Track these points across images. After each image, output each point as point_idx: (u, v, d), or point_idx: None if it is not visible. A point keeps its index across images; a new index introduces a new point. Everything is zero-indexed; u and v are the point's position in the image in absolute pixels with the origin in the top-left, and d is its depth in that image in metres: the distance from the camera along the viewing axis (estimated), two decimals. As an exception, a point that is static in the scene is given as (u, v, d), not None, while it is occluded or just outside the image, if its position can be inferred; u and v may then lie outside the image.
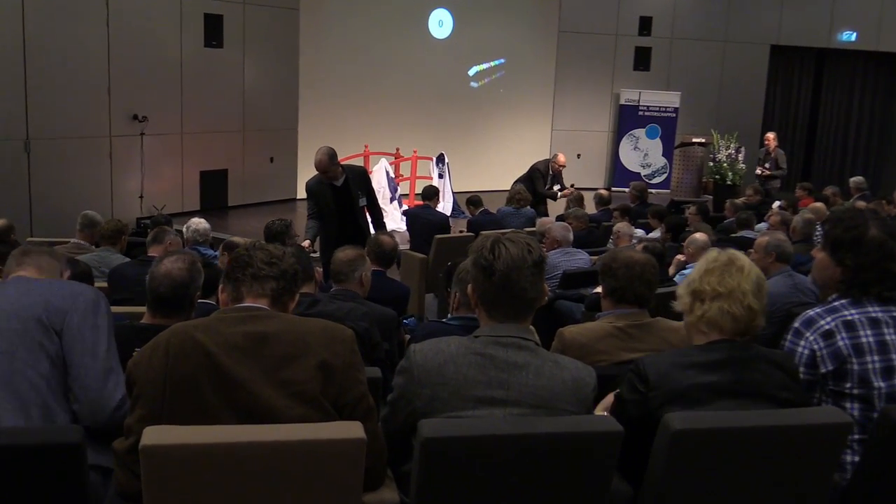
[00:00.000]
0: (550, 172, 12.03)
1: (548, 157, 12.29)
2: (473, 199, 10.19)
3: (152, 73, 12.37)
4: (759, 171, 13.98)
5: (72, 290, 2.88)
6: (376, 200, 7.60)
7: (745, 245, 6.21)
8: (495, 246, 2.43)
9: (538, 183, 11.94)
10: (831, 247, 2.95)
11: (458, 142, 16.22)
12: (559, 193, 11.71)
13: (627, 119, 17.88)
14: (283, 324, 2.38)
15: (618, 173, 17.94)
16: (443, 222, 9.50)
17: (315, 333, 2.38)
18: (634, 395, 2.58)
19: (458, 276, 3.75)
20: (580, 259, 7.15)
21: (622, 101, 17.86)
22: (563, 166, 12.06)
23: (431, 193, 10.01)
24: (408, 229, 10.03)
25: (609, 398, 2.79)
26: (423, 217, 9.46)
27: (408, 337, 4.52)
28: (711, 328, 2.61)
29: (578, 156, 18.10)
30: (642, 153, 18.00)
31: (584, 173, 17.85)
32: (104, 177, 12.00)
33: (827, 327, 2.82)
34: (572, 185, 11.78)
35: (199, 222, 6.94)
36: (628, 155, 18.03)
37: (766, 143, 13.99)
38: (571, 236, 7.31)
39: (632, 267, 3.38)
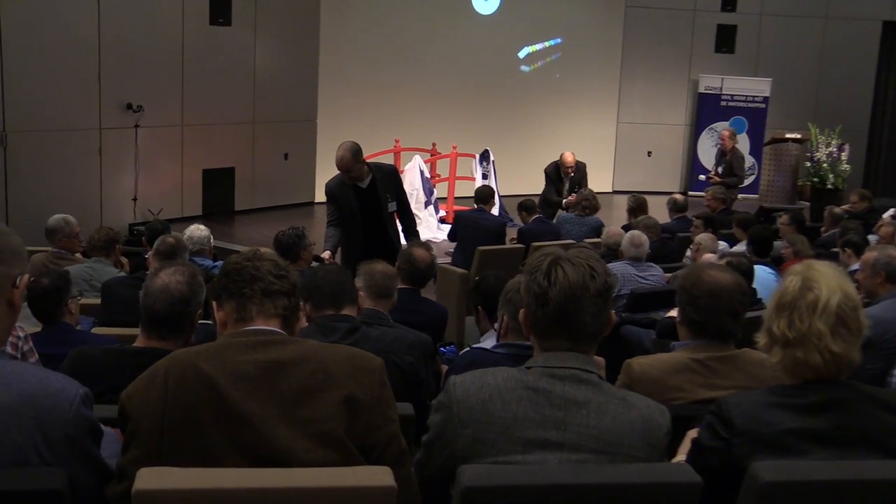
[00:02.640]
0: (563, 175, 11.96)
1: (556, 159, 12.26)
2: (527, 204, 10.16)
3: (149, 56, 12.54)
4: (703, 177, 13.75)
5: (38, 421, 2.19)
6: (408, 205, 7.62)
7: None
8: (552, 269, 2.43)
9: (548, 189, 11.86)
10: None
11: (506, 136, 16.23)
12: (563, 200, 11.61)
13: (708, 110, 17.77)
14: (301, 351, 2.39)
15: (695, 175, 17.83)
16: (498, 229, 9.50)
17: (339, 363, 2.39)
18: (716, 441, 2.56)
19: (505, 296, 3.74)
20: (653, 276, 7.11)
21: (701, 89, 17.76)
22: (571, 167, 11.95)
23: (487, 195, 10.05)
24: (451, 237, 10.05)
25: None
26: (475, 222, 9.45)
27: (444, 368, 4.52)
28: (839, 369, 2.56)
29: (649, 153, 18.03)
30: (725, 151, 17.88)
31: (656, 174, 17.78)
32: (92, 176, 12.17)
33: None
34: (577, 189, 11.62)
35: (195, 228, 7.02)
36: (709, 153, 17.87)
37: (721, 142, 13.43)
38: (645, 250, 7.27)
39: (717, 295, 3.32)
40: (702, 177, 13.78)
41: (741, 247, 8.45)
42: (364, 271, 4.57)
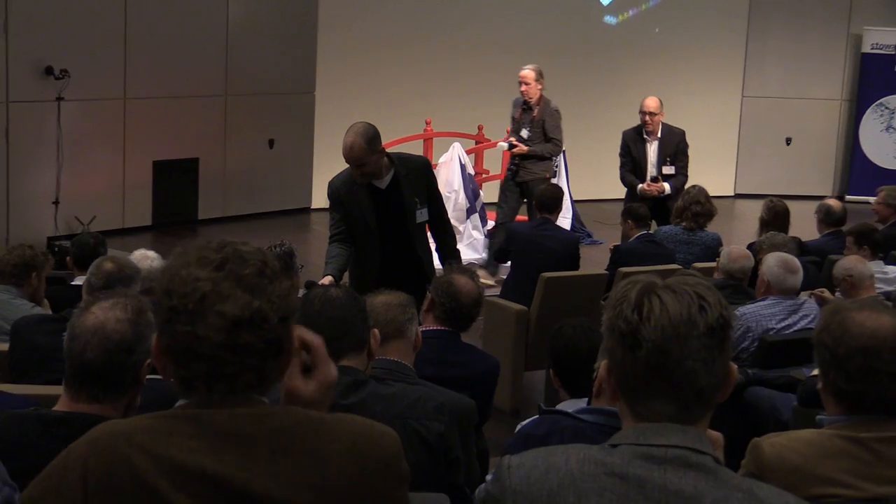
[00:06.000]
0: (645, 135, 11.31)
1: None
2: (636, 211, 9.84)
3: (77, 2, 12.67)
4: (503, 144, 12.20)
5: None
6: (445, 213, 7.62)
7: None
8: (644, 299, 2.41)
9: (623, 166, 11.30)
10: None
11: (582, 117, 16.19)
12: (640, 186, 11.10)
13: (875, 78, 17.68)
14: (282, 431, 2.29)
15: (856, 171, 17.73)
16: (568, 251, 9.39)
17: (338, 454, 2.31)
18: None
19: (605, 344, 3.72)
20: (808, 316, 7.06)
21: (866, 48, 17.69)
22: (650, 112, 11.15)
23: (553, 200, 9.87)
24: (500, 256, 10.00)
25: None
26: (536, 239, 9.39)
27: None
28: None
29: (789, 141, 17.94)
30: (900, 137, 17.81)
31: (798, 171, 17.68)
32: (-3, 169, 12.31)
33: None
34: (659, 177, 11.13)
35: (143, 257, 6.61)
36: (876, 140, 17.80)
37: (524, 86, 11.70)
38: (798, 279, 7.19)
39: (874, 353, 3.28)
40: (502, 143, 12.22)
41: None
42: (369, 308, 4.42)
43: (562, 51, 16.46)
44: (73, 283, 7.03)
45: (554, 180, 13.43)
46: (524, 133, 11.66)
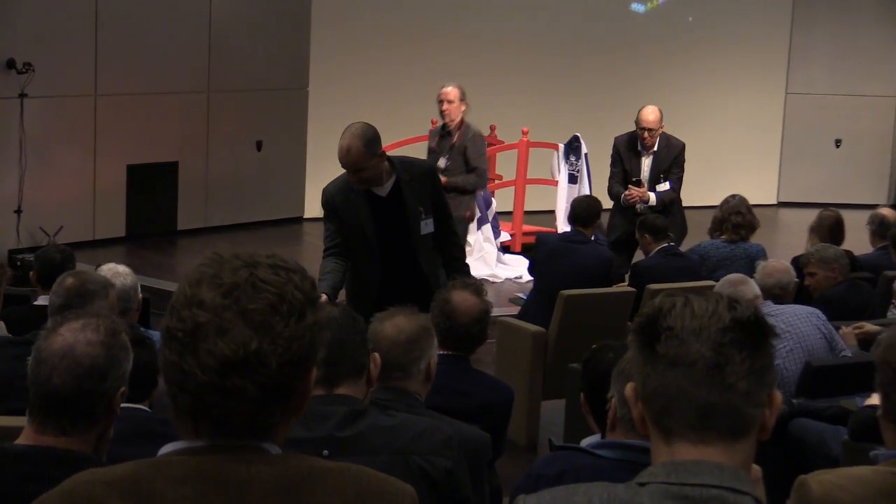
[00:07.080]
0: (640, 148, 11.16)
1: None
2: (652, 224, 9.85)
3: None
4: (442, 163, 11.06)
5: None
6: (453, 224, 7.61)
7: None
8: (668, 299, 2.40)
9: (612, 175, 11.15)
10: None
11: (604, 117, 16.16)
12: (623, 194, 10.95)
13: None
14: (276, 482, 2.27)
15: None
16: (600, 268, 9.33)
17: None
18: None
19: (618, 368, 3.70)
20: (808, 328, 7.04)
21: (923, 41, 17.71)
22: (649, 129, 10.93)
23: (590, 212, 9.80)
24: (533, 269, 9.96)
25: None
26: (566, 252, 9.33)
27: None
28: None
29: (838, 143, 17.91)
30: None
31: (849, 176, 17.64)
32: (-46, 174, 12.30)
33: None
34: (663, 178, 10.93)
35: (112, 271, 6.50)
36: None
37: (444, 105, 10.95)
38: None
39: None
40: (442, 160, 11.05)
41: None
42: (373, 336, 4.34)
43: (580, 43, 16.49)
44: (36, 302, 6.99)
45: (574, 186, 13.45)
46: (441, 163, 10.76)
